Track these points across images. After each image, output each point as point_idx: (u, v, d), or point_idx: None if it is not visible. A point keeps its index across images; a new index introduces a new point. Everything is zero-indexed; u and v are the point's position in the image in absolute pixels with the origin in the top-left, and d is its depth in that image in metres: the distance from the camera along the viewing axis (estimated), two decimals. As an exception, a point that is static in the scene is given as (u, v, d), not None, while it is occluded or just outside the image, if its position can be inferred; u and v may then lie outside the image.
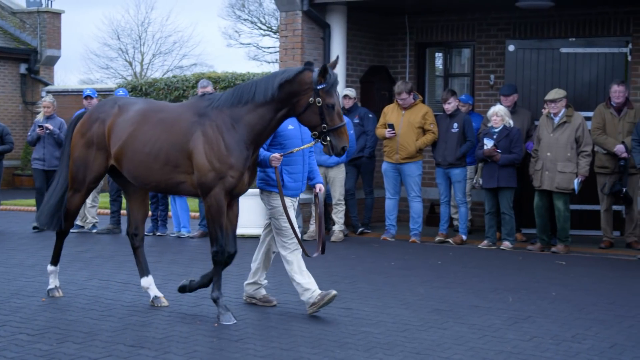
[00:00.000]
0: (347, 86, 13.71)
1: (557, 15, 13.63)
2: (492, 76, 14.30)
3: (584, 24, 13.61)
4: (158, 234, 13.19)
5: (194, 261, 10.77)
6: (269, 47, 39.77)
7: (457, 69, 15.77)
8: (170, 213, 13.86)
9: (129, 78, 35.18)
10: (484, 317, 7.77)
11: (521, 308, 8.21)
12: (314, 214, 8.07)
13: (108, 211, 14.15)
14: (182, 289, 8.05)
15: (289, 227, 7.75)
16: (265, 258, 8.17)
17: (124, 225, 13.50)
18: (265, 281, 8.26)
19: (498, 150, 11.81)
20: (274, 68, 33.41)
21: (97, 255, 11.24)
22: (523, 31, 14.04)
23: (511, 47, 13.45)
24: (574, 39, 13.53)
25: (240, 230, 13.00)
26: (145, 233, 12.88)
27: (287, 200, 7.75)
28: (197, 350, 6.56)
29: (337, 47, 13.72)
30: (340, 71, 13.73)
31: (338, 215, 12.73)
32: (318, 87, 7.15)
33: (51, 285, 8.46)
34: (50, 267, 8.48)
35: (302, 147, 7.79)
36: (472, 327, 7.39)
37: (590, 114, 12.44)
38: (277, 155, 7.62)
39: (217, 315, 7.47)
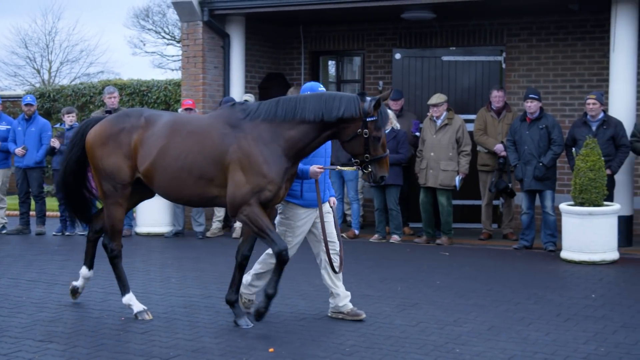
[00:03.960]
0: (246, 92, 13.70)
1: (439, 26, 13.89)
2: (380, 82, 14.47)
3: (463, 35, 13.91)
4: (67, 233, 12.88)
5: (102, 258, 10.52)
6: (172, 56, 39.38)
7: (348, 76, 15.90)
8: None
9: (37, 85, 34.20)
10: (374, 305, 7.88)
11: (408, 296, 8.35)
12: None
13: (17, 212, 13.78)
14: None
15: (292, 243, 7.25)
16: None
17: (33, 226, 13.19)
18: (345, 292, 7.46)
19: (386, 151, 11.97)
20: (178, 75, 33.03)
21: (7, 254, 10.93)
22: (408, 41, 14.26)
23: (398, 56, 13.64)
24: (454, 48, 13.80)
25: (146, 229, 12.95)
26: (54, 233, 12.75)
27: (305, 211, 7.25)
28: (104, 344, 6.46)
29: (237, 56, 13.70)
30: (239, 78, 13.72)
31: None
32: (368, 120, 6.62)
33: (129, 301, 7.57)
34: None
35: (344, 168, 7.46)
36: (364, 315, 7.48)
37: (469, 116, 12.74)
38: (318, 167, 7.10)
39: (255, 310, 6.88)
